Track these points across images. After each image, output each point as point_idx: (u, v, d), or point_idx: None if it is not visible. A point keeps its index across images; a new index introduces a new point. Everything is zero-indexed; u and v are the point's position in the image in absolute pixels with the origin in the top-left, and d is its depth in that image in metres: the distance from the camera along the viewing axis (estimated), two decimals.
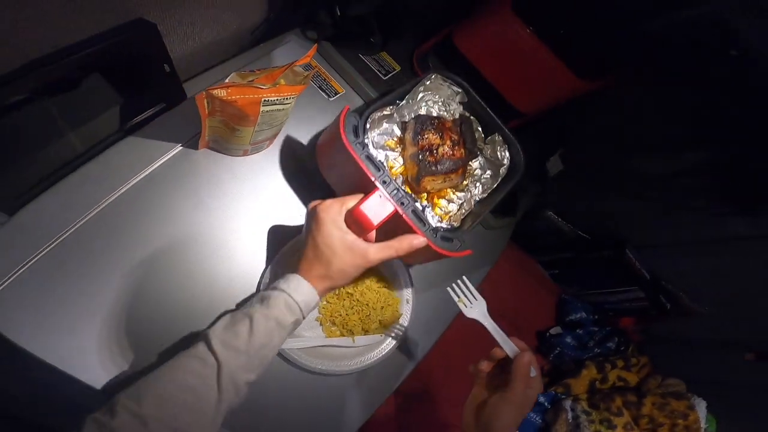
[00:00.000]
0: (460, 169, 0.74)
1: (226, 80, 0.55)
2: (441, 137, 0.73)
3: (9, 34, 0.45)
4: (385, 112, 0.75)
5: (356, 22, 0.90)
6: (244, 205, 0.71)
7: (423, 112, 0.80)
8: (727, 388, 1.25)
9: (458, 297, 0.65)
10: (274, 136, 0.71)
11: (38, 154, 0.57)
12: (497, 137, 0.82)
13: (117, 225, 0.61)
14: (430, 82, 0.79)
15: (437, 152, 0.72)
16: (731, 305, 1.25)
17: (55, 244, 0.57)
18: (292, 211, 0.75)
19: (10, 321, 0.55)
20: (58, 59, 0.50)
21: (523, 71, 0.86)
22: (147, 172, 0.64)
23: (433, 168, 0.71)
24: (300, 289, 0.53)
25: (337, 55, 0.88)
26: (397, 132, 0.77)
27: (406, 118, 0.77)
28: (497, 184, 0.80)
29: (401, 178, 0.76)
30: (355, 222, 0.57)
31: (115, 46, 0.54)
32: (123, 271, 0.60)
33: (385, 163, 0.75)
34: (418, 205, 0.68)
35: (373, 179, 0.60)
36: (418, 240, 0.59)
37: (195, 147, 0.68)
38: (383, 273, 0.78)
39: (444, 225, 0.75)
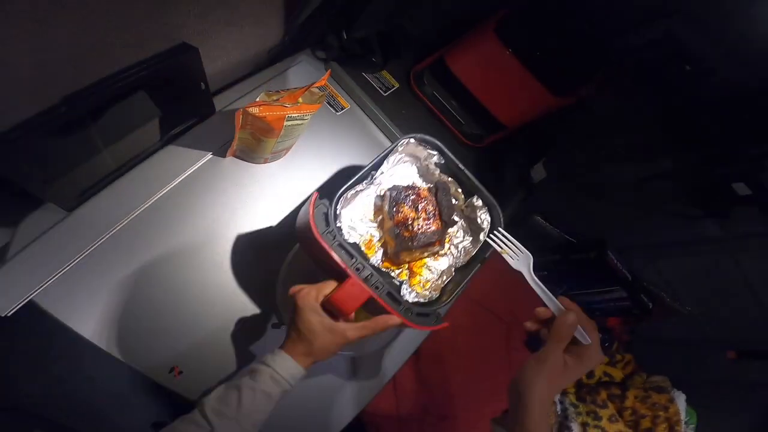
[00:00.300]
0: (437, 241, 0.73)
1: (257, 99, 0.65)
2: (416, 210, 0.72)
3: (81, 59, 0.53)
4: (358, 188, 0.72)
5: (360, 43, 1.00)
6: (263, 205, 0.81)
7: (399, 177, 0.80)
8: (709, 385, 1.29)
9: (501, 248, 0.66)
10: (291, 146, 0.82)
11: (94, 160, 0.66)
12: (476, 200, 0.79)
13: (159, 221, 0.71)
14: (404, 147, 0.77)
15: (412, 227, 0.71)
16: (710, 305, 1.29)
17: (107, 237, 0.67)
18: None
19: (65, 306, 0.64)
20: (119, 79, 0.58)
21: (505, 88, 0.96)
22: (183, 177, 0.74)
23: (409, 243, 0.70)
24: (285, 365, 0.58)
25: (343, 73, 0.97)
26: (377, 202, 0.77)
27: (383, 186, 0.77)
28: (477, 250, 0.78)
29: (381, 251, 0.76)
30: (332, 308, 0.60)
31: (164, 67, 0.63)
32: (164, 261, 0.70)
33: (360, 243, 0.74)
34: (395, 280, 0.70)
35: (345, 268, 0.60)
36: (393, 320, 0.63)
37: (223, 155, 0.78)
38: None
39: (422, 299, 0.72)
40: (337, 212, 0.66)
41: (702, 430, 1.18)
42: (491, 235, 0.69)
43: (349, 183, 0.69)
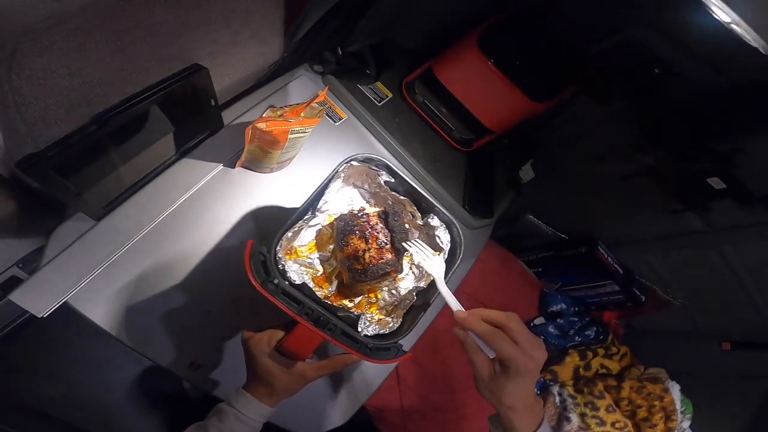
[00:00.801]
0: (392, 270, 0.68)
1: (264, 115, 0.73)
2: (366, 241, 0.68)
3: (116, 77, 0.59)
4: (305, 217, 0.67)
5: (354, 57, 1.06)
6: (270, 210, 0.87)
7: (347, 202, 0.76)
8: (704, 376, 1.31)
9: (417, 252, 0.66)
10: (294, 156, 0.88)
11: (118, 174, 0.72)
12: (432, 219, 0.74)
13: (178, 227, 0.77)
14: (348, 170, 0.72)
15: (364, 258, 0.67)
16: (700, 296, 1.31)
17: (132, 243, 0.73)
18: None
19: (96, 306, 0.69)
20: (141, 99, 0.63)
21: (489, 96, 1.02)
22: (198, 186, 0.81)
23: (362, 276, 0.66)
24: (249, 406, 0.59)
25: (339, 85, 1.03)
26: (326, 232, 0.74)
27: (331, 212, 0.74)
28: None
29: (336, 282, 0.72)
30: (289, 353, 0.59)
31: (179, 87, 0.68)
32: (183, 263, 0.77)
33: (310, 278, 0.70)
34: (351, 314, 0.65)
35: (294, 316, 0.58)
36: (351, 358, 0.62)
37: (232, 166, 0.84)
38: None
39: (382, 329, 0.67)
40: (278, 257, 0.61)
41: (698, 420, 1.18)
42: (409, 242, 0.68)
43: (287, 224, 0.64)
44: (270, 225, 0.86)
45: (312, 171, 0.93)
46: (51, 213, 0.75)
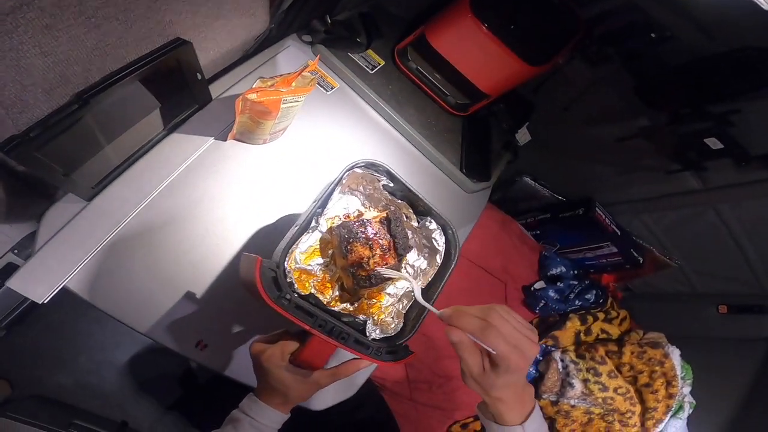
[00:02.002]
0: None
1: (254, 86, 0.70)
2: (370, 248, 0.68)
3: (94, 55, 0.58)
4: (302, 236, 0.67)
5: (344, 26, 1.04)
6: (266, 182, 0.86)
7: (344, 207, 0.75)
8: (702, 340, 1.33)
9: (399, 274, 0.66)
10: (287, 126, 0.86)
11: (106, 152, 0.70)
12: (429, 223, 0.76)
13: (172, 204, 0.76)
14: (348, 176, 0.72)
15: (368, 264, 0.68)
16: (697, 256, 1.34)
17: (126, 222, 0.72)
18: (300, 184, 0.89)
19: (96, 289, 0.68)
20: (122, 75, 0.62)
21: (484, 61, 1.00)
22: (190, 161, 0.79)
23: (367, 282, 0.67)
24: (263, 414, 0.59)
25: (330, 55, 1.01)
26: (326, 237, 0.73)
27: (328, 216, 0.73)
28: (434, 274, 0.75)
29: (337, 287, 0.72)
30: (303, 364, 0.60)
31: (162, 62, 0.66)
32: (182, 240, 0.76)
33: (314, 286, 0.70)
34: (358, 320, 0.66)
35: (309, 329, 0.58)
36: (363, 363, 0.63)
37: (224, 139, 0.83)
38: None
39: (387, 332, 0.69)
40: (286, 272, 0.61)
41: (698, 385, 1.20)
42: (383, 269, 0.67)
43: (292, 236, 0.63)
44: (269, 200, 0.86)
45: (306, 141, 0.93)
46: (41, 197, 0.73)
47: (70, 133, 0.60)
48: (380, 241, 0.69)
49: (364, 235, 0.68)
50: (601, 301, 1.34)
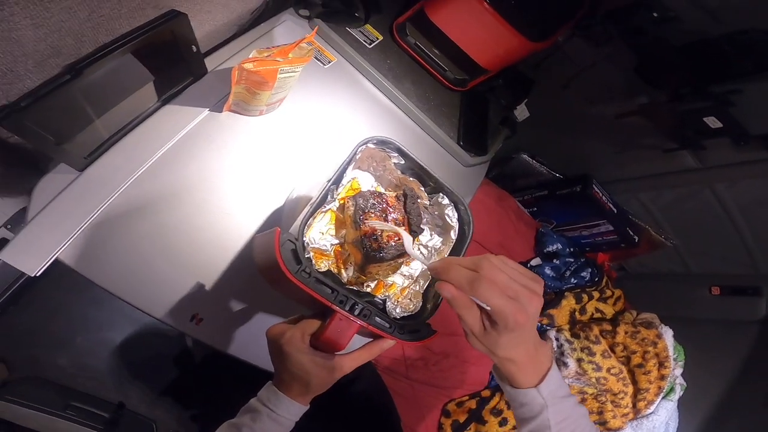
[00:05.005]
0: (406, 253, 0.65)
1: (250, 56, 0.69)
2: (384, 219, 0.67)
3: (86, 27, 0.57)
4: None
5: (342, 0, 1.02)
6: (262, 153, 0.85)
7: (357, 182, 0.74)
8: (695, 321, 1.35)
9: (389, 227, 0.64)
10: (284, 98, 0.85)
11: (99, 122, 0.70)
12: (441, 198, 0.75)
13: (166, 174, 0.75)
14: (361, 153, 0.70)
15: (381, 237, 0.65)
16: (692, 235, 1.35)
17: (119, 192, 0.70)
18: (296, 156, 0.88)
19: (89, 261, 0.67)
20: (116, 46, 0.62)
21: (484, 36, 0.99)
22: (185, 131, 0.77)
23: (378, 255, 0.65)
24: (282, 405, 0.55)
25: (327, 29, 1.00)
26: (339, 214, 0.71)
27: (339, 194, 0.69)
28: (450, 250, 0.74)
29: (351, 267, 0.69)
30: (324, 346, 0.57)
31: (156, 33, 0.65)
32: (176, 211, 0.74)
33: (330, 266, 0.67)
34: (377, 299, 0.65)
35: (330, 305, 0.56)
36: (387, 343, 0.60)
37: (219, 110, 0.81)
38: None
39: (407, 312, 0.67)
40: (305, 244, 0.59)
41: (690, 367, 1.21)
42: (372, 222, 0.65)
43: (309, 210, 0.60)
44: (265, 171, 0.85)
45: (302, 113, 0.92)
46: (33, 170, 0.73)
47: (62, 103, 0.60)
48: (395, 215, 0.68)
49: (380, 207, 0.67)
50: (596, 279, 1.35)
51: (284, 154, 0.87)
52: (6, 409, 1.05)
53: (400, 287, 0.71)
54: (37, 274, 0.64)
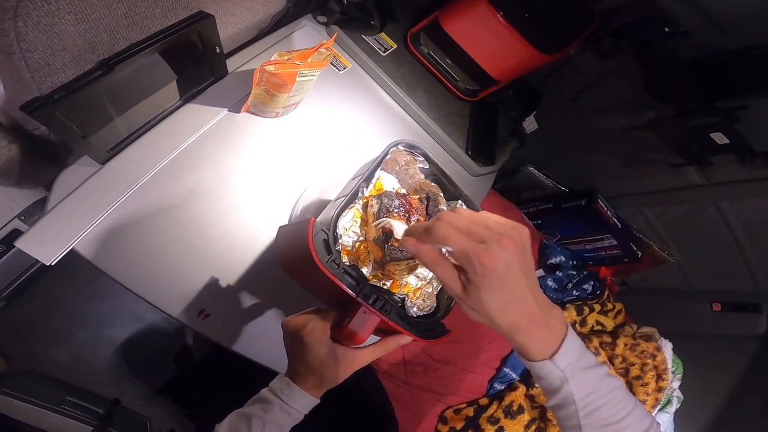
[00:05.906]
0: None
1: (272, 58, 0.71)
2: (408, 220, 0.68)
3: (122, 24, 0.60)
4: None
5: (358, 8, 1.05)
6: (276, 154, 0.87)
7: (381, 183, 0.76)
8: (695, 336, 1.33)
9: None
10: (300, 101, 0.87)
11: (124, 117, 0.71)
12: (460, 205, 0.77)
13: (183, 170, 0.77)
14: (390, 155, 0.73)
15: None
16: (695, 252, 1.35)
17: (138, 187, 0.72)
18: (309, 158, 0.90)
19: (103, 253, 0.68)
20: (147, 44, 0.63)
21: (497, 48, 1.01)
22: (203, 130, 0.80)
23: (398, 254, 0.65)
24: (295, 397, 0.55)
25: (344, 35, 1.02)
26: (363, 212, 0.71)
27: (364, 192, 0.71)
28: None
29: (371, 265, 0.69)
30: (345, 338, 0.57)
31: (185, 33, 0.68)
32: (190, 207, 0.76)
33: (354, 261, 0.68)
34: (396, 297, 0.66)
35: (355, 297, 0.56)
36: (404, 339, 0.59)
37: (237, 111, 0.84)
38: None
39: (422, 311, 0.69)
40: (337, 236, 0.60)
41: (688, 380, 1.20)
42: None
43: (341, 204, 0.63)
44: (278, 171, 0.87)
45: (316, 117, 0.94)
46: (52, 163, 0.74)
47: (91, 98, 0.62)
48: (417, 217, 0.69)
49: (404, 207, 0.68)
50: (598, 292, 1.35)
51: (297, 155, 0.89)
52: (2, 403, 1.05)
53: (413, 288, 0.72)
54: (53, 263, 0.65)
